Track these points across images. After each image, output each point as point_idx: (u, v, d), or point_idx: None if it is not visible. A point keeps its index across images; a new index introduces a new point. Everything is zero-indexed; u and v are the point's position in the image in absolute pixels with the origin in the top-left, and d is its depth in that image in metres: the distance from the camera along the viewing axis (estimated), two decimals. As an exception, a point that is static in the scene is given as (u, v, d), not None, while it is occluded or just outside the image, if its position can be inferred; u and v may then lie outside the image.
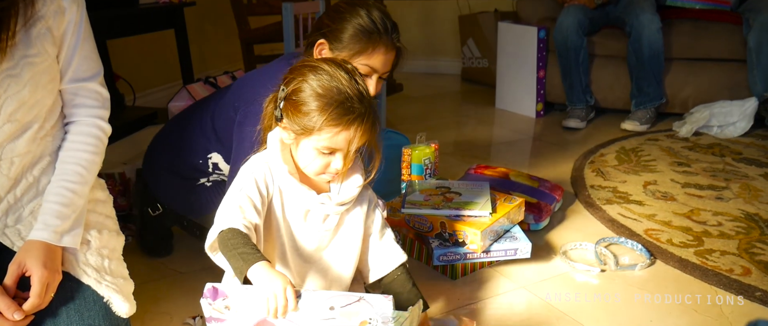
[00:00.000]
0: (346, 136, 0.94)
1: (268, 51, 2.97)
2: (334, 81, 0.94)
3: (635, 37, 2.56)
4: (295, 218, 1.03)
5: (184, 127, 1.43)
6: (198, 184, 1.39)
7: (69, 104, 1.04)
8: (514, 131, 2.73)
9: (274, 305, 0.83)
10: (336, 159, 0.97)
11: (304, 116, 0.95)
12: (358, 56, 1.25)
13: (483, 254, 1.36)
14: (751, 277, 1.36)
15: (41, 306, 0.90)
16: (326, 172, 0.99)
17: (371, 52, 1.25)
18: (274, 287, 0.83)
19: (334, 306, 0.85)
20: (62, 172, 0.99)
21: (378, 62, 1.27)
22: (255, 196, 0.98)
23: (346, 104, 0.93)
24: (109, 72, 2.29)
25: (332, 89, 0.94)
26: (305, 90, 0.95)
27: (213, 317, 0.86)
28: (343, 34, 1.24)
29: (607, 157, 2.25)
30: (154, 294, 1.34)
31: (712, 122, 2.46)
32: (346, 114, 0.93)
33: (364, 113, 0.95)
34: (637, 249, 1.51)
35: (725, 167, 2.09)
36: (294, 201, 1.02)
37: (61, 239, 0.93)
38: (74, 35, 1.00)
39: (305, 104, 0.94)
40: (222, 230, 0.92)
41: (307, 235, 1.05)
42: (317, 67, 0.96)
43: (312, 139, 0.96)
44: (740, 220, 1.67)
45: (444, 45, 4.09)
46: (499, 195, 1.49)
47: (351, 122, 0.94)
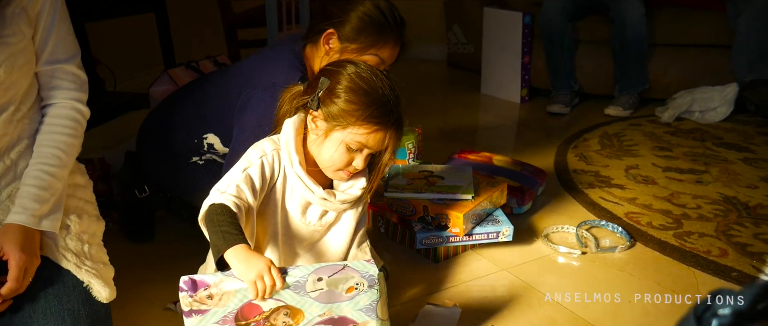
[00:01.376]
0: (381, 136, 0.99)
1: (252, 36, 2.93)
2: (378, 83, 0.99)
3: (619, 23, 2.57)
4: (294, 209, 1.04)
5: (181, 106, 1.42)
6: (190, 162, 1.38)
7: (46, 87, 1.02)
8: (498, 117, 2.74)
9: (262, 286, 0.83)
10: (360, 157, 1.00)
11: (344, 109, 0.97)
12: (368, 49, 1.27)
13: (465, 237, 1.37)
14: (727, 258, 1.39)
15: (19, 290, 0.89)
16: (345, 169, 1.01)
17: (382, 46, 1.28)
18: (258, 269, 0.83)
19: (322, 276, 0.87)
20: (40, 155, 0.98)
21: (386, 55, 1.29)
22: (257, 178, 0.98)
23: (388, 107, 0.98)
24: (89, 56, 2.25)
25: (377, 90, 0.98)
26: (352, 84, 0.98)
27: (194, 309, 0.85)
28: (353, 25, 1.25)
29: (590, 142, 2.27)
30: (134, 279, 1.33)
31: (694, 108, 2.49)
32: (387, 115, 0.98)
33: (398, 118, 1.00)
34: (617, 231, 1.53)
35: (705, 152, 2.12)
36: (296, 193, 1.03)
37: (40, 223, 0.92)
38: (49, 16, 0.98)
39: (348, 97, 0.97)
40: (213, 203, 0.92)
41: (303, 228, 1.05)
42: (361, 65, 1.01)
43: (346, 132, 0.98)
44: (719, 203, 1.69)
45: (429, 30, 4.07)
46: (482, 179, 1.50)
47: (389, 124, 0.99)
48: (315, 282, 0.87)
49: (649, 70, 2.68)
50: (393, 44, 1.29)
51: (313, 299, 0.87)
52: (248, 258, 0.84)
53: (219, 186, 0.97)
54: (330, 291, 0.87)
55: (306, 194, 1.02)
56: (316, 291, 0.87)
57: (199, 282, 0.85)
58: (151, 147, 1.44)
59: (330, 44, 1.28)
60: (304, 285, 0.86)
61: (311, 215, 1.05)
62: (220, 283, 0.85)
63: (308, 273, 0.87)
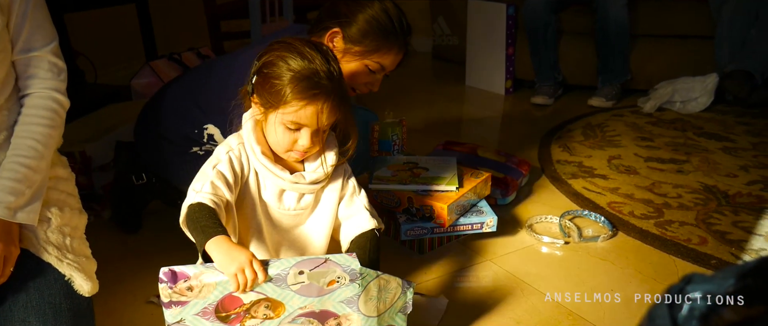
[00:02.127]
0: (311, 110, 0.95)
1: (236, 28, 2.91)
2: (305, 58, 0.95)
3: (602, 14, 2.59)
4: (270, 199, 1.03)
5: (179, 97, 1.40)
6: (190, 151, 1.36)
7: (22, 76, 1.00)
8: (483, 108, 2.75)
9: (242, 280, 0.83)
10: (302, 135, 0.97)
11: (272, 89, 0.95)
12: (371, 54, 1.25)
13: (450, 228, 1.38)
14: (707, 246, 1.41)
15: (2, 278, 0.88)
16: (294, 149, 0.99)
17: (386, 52, 1.26)
18: (238, 261, 0.83)
19: (303, 270, 0.86)
20: (16, 147, 0.96)
21: (389, 61, 1.28)
22: (228, 172, 0.98)
23: (314, 79, 0.94)
24: (68, 48, 2.21)
25: (302, 65, 0.94)
26: (276, 64, 0.96)
27: (173, 301, 0.85)
28: (359, 28, 1.24)
29: (573, 132, 2.29)
30: (118, 272, 1.32)
31: (675, 98, 2.52)
32: (311, 88, 0.94)
33: (330, 90, 0.95)
34: (600, 221, 1.55)
35: (686, 142, 2.15)
36: (269, 182, 1.02)
37: (15, 216, 0.91)
38: (23, 3, 0.96)
39: (275, 77, 0.95)
40: (190, 204, 0.92)
41: (283, 215, 1.05)
42: (291, 45, 0.97)
43: (279, 113, 0.96)
44: (699, 192, 1.72)
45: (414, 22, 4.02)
46: (466, 170, 1.51)
47: (316, 96, 0.94)
48: (296, 275, 0.86)
49: (632, 61, 2.71)
50: (396, 51, 1.28)
51: (294, 292, 0.87)
52: (229, 250, 0.84)
53: (194, 186, 0.96)
54: (311, 284, 0.87)
55: (277, 181, 1.01)
56: (297, 284, 0.87)
57: (179, 274, 0.84)
58: (150, 137, 1.42)
59: (334, 43, 1.26)
60: (285, 278, 0.86)
61: (288, 201, 1.04)
62: (201, 275, 0.84)
63: (290, 266, 0.86)
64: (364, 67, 1.27)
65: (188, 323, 0.86)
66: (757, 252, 1.38)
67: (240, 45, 2.59)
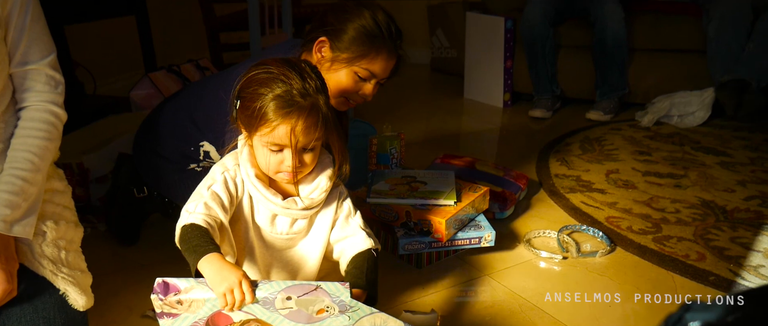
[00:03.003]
0: (285, 129, 0.93)
1: (235, 40, 2.92)
2: (277, 78, 0.94)
3: (599, 28, 2.61)
4: (263, 222, 1.02)
5: (175, 113, 1.40)
6: (188, 168, 1.36)
7: (19, 89, 1.00)
8: (481, 121, 2.76)
9: (231, 300, 0.82)
10: (286, 156, 0.96)
11: (249, 112, 0.95)
12: (359, 60, 1.23)
13: (448, 243, 1.37)
14: (705, 262, 1.41)
15: (13, 293, 0.89)
16: (282, 170, 0.98)
17: (373, 57, 1.24)
18: (228, 281, 0.82)
19: (291, 295, 0.85)
20: (12, 160, 0.96)
21: (378, 68, 1.26)
22: (222, 193, 0.97)
23: (285, 98, 0.93)
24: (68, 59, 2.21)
25: (274, 84, 0.93)
26: (251, 87, 0.95)
27: (164, 312, 0.85)
28: (346, 35, 1.23)
29: (571, 146, 2.29)
30: (113, 286, 1.31)
31: (673, 112, 2.53)
32: (284, 107, 0.93)
33: (305, 107, 0.93)
34: (598, 236, 1.55)
35: (684, 156, 2.15)
36: (261, 206, 1.01)
37: (11, 229, 0.91)
38: (21, 16, 0.96)
39: (250, 100, 0.94)
40: (183, 225, 0.91)
41: (276, 238, 1.04)
42: (267, 66, 0.96)
43: (258, 136, 0.96)
44: (697, 207, 1.72)
45: (413, 35, 4.08)
46: (464, 184, 1.50)
47: (289, 114, 0.93)
48: (284, 300, 0.85)
49: (629, 75, 2.72)
50: (386, 56, 1.26)
51: (284, 316, 0.86)
52: (221, 269, 0.83)
53: (187, 207, 0.95)
54: (299, 310, 0.86)
55: (269, 205, 1.00)
56: (285, 309, 0.85)
57: (171, 286, 0.84)
58: (148, 155, 1.42)
59: (322, 53, 1.26)
60: (273, 302, 0.85)
61: (281, 225, 1.03)
62: (191, 290, 0.84)
63: (278, 291, 0.85)
64: (353, 74, 1.25)
65: None
66: (755, 269, 1.37)
67: (240, 57, 2.60)
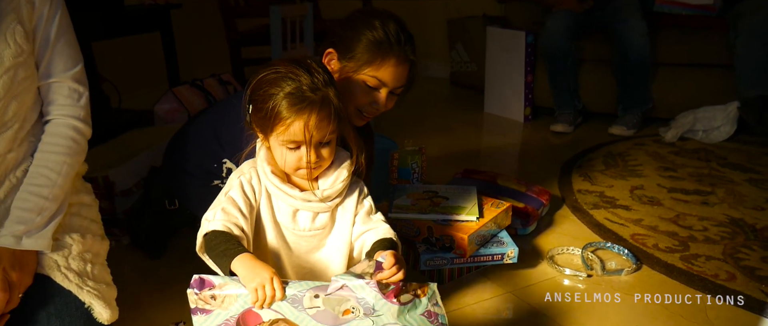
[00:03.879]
0: (299, 125, 0.94)
1: (256, 54, 2.95)
2: (286, 75, 0.95)
3: (622, 43, 2.58)
4: (285, 220, 1.02)
5: (200, 130, 1.41)
6: (212, 185, 1.37)
7: (44, 102, 1.02)
8: (502, 136, 2.74)
9: (262, 296, 0.84)
10: (303, 152, 0.96)
11: (262, 114, 0.96)
12: (365, 67, 1.21)
13: (470, 259, 1.36)
14: (735, 282, 1.37)
15: (10, 304, 0.89)
16: (300, 167, 0.98)
17: (380, 64, 1.21)
18: (260, 277, 0.84)
19: (319, 294, 0.86)
20: (30, 175, 0.98)
21: (387, 75, 1.22)
22: (239, 198, 0.98)
23: (296, 94, 0.94)
24: (95, 74, 2.26)
25: (284, 83, 0.94)
26: (262, 89, 0.96)
27: (198, 307, 0.87)
28: (353, 44, 1.21)
29: (594, 161, 2.26)
30: (137, 299, 1.32)
31: (697, 127, 2.49)
32: (296, 103, 0.94)
33: (316, 102, 0.94)
34: (623, 253, 1.52)
35: (711, 172, 2.11)
36: (282, 203, 1.02)
37: (21, 243, 0.92)
38: (46, 30, 0.98)
39: (262, 102, 0.96)
40: (205, 233, 0.93)
41: (299, 237, 1.04)
42: (270, 67, 0.97)
43: (274, 136, 0.97)
44: (725, 225, 1.68)
45: (432, 49, 4.09)
46: (487, 200, 1.49)
47: (301, 110, 0.94)
48: (312, 298, 0.86)
49: (653, 90, 2.68)
50: (394, 62, 1.21)
51: (310, 316, 0.87)
52: (253, 266, 0.86)
53: (207, 215, 0.97)
54: (326, 310, 0.86)
55: (288, 200, 1.01)
56: (312, 308, 0.86)
57: (206, 281, 0.86)
58: (176, 169, 1.44)
59: (330, 65, 1.25)
60: (301, 300, 0.86)
61: (303, 221, 1.03)
62: (225, 286, 0.86)
63: (306, 289, 0.86)
64: (362, 84, 1.22)
65: None
66: (788, 289, 1.34)
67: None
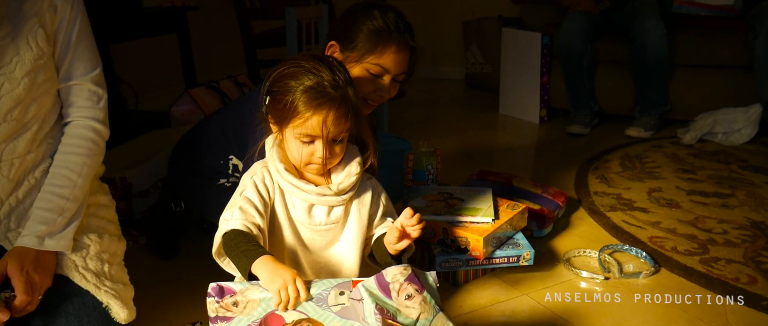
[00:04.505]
0: (317, 120, 0.95)
1: (272, 56, 2.96)
2: (309, 71, 0.97)
3: (640, 44, 2.55)
4: (300, 216, 1.03)
5: (208, 128, 1.43)
6: (218, 184, 1.38)
7: (64, 104, 1.04)
8: (517, 137, 2.72)
9: (285, 297, 0.85)
10: (317, 147, 0.98)
11: (281, 105, 0.97)
12: (368, 56, 1.23)
13: (485, 261, 1.35)
14: (757, 286, 1.35)
15: (31, 306, 0.90)
16: (313, 161, 0.99)
17: (381, 51, 1.22)
18: (284, 279, 0.85)
19: (344, 291, 0.86)
20: (51, 176, 0.99)
21: (389, 62, 1.23)
22: (255, 197, 0.99)
23: (317, 89, 0.96)
24: (112, 76, 2.28)
25: (305, 77, 0.96)
26: (282, 81, 0.98)
27: (219, 316, 0.87)
28: (353, 34, 1.23)
29: (611, 163, 2.24)
30: (153, 299, 1.33)
31: (717, 129, 2.45)
32: (316, 98, 0.95)
33: (336, 98, 0.96)
34: (641, 256, 1.50)
35: (731, 175, 2.08)
36: (296, 199, 1.02)
37: (43, 243, 0.93)
38: (67, 34, 0.99)
39: (282, 93, 0.97)
40: (225, 233, 0.94)
41: (315, 232, 1.04)
42: (296, 61, 0.99)
43: (290, 128, 0.98)
44: (746, 228, 1.65)
45: (447, 50, 4.09)
46: (502, 201, 1.48)
47: (321, 105, 0.95)
48: (337, 295, 0.87)
49: (671, 91, 2.65)
50: (395, 49, 1.22)
51: (335, 313, 0.87)
52: (275, 269, 0.86)
53: (224, 215, 0.98)
54: (351, 306, 0.87)
55: (304, 196, 1.01)
56: (337, 305, 0.87)
57: (226, 289, 0.87)
58: (184, 169, 1.46)
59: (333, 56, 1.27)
60: (326, 299, 0.87)
61: (318, 215, 1.03)
62: (246, 291, 0.87)
63: (331, 287, 0.87)
64: (365, 72, 1.24)
65: None
66: (811, 294, 1.31)
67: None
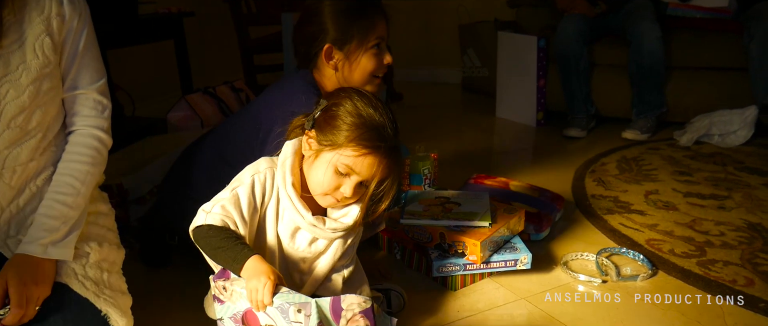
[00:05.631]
0: (369, 161, 0.96)
1: (268, 61, 2.97)
2: (375, 109, 0.98)
3: (636, 46, 2.56)
4: (284, 233, 1.02)
5: (204, 155, 1.40)
6: None
7: (68, 113, 1.04)
8: (514, 140, 2.73)
9: (253, 298, 0.88)
10: (347, 183, 0.98)
11: (336, 129, 0.96)
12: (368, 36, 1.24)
13: (483, 265, 1.35)
14: (754, 288, 1.35)
15: (25, 318, 0.89)
16: (333, 194, 0.99)
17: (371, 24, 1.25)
18: (258, 280, 0.87)
19: (302, 310, 0.88)
20: (55, 183, 0.99)
21: (382, 29, 1.25)
22: (245, 197, 0.98)
23: (381, 131, 0.97)
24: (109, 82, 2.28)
25: (372, 115, 0.97)
26: (346, 106, 0.97)
27: (216, 296, 0.93)
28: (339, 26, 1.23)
29: (608, 166, 2.25)
30: (150, 307, 1.32)
31: (713, 131, 2.46)
32: (379, 140, 0.96)
33: (392, 148, 0.98)
34: (638, 259, 1.50)
35: (727, 176, 2.08)
36: (287, 216, 1.01)
37: (46, 251, 0.93)
38: (74, 43, 1.00)
39: (342, 118, 0.96)
40: (201, 226, 0.95)
41: (292, 252, 1.04)
42: (362, 93, 1.00)
43: (335, 154, 0.96)
44: (743, 230, 1.66)
45: (444, 54, 4.10)
46: (499, 205, 1.48)
47: (381, 150, 0.96)
48: (296, 312, 0.88)
49: (667, 94, 2.66)
50: (379, 16, 1.25)
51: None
52: (256, 269, 0.89)
53: (205, 206, 0.97)
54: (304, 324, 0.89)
55: (296, 217, 1.00)
56: (296, 322, 0.89)
57: (226, 273, 0.93)
58: (181, 200, 1.38)
59: (334, 58, 1.26)
60: (287, 311, 0.89)
61: (300, 240, 1.02)
62: (235, 281, 0.92)
63: (292, 303, 0.89)
64: (369, 52, 1.25)
65: (225, 324, 0.95)
66: (808, 295, 1.31)
67: (273, 78, 2.64)
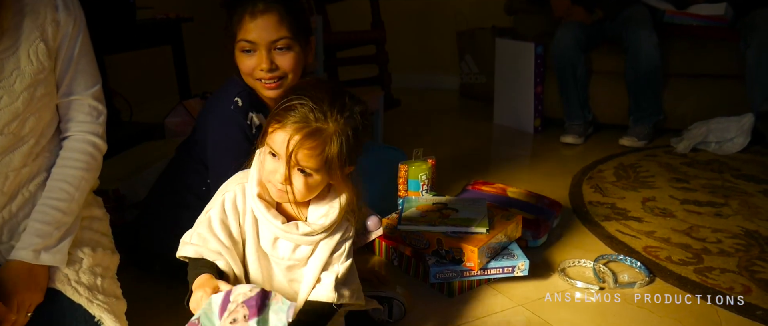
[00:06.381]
0: (282, 137, 0.88)
1: (266, 66, 2.96)
2: (302, 90, 0.91)
3: (633, 54, 2.57)
4: (266, 245, 0.99)
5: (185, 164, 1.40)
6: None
7: (63, 118, 1.04)
8: (512, 147, 2.73)
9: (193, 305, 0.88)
10: (279, 165, 0.91)
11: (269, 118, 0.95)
12: (237, 29, 1.29)
13: (480, 271, 1.35)
14: (751, 295, 1.35)
15: (17, 324, 0.89)
16: (273, 181, 0.93)
17: (239, 19, 1.28)
18: (198, 290, 0.89)
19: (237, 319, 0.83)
20: (49, 189, 0.98)
21: (252, 34, 1.27)
22: (217, 219, 0.96)
23: (300, 109, 0.88)
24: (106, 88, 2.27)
25: (293, 95, 0.90)
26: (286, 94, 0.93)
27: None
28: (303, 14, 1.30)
29: (605, 173, 2.25)
30: (144, 312, 1.31)
31: (710, 138, 2.46)
32: (285, 112, 0.89)
33: (312, 123, 0.88)
34: (636, 266, 1.50)
35: (724, 184, 2.08)
36: (263, 227, 0.98)
37: (39, 257, 0.92)
38: (69, 49, 0.99)
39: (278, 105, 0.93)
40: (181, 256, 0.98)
41: (278, 263, 1.01)
42: (315, 80, 0.98)
43: (267, 138, 0.93)
44: (740, 237, 1.65)
45: (441, 60, 4.10)
46: (497, 212, 1.48)
47: (288, 123, 0.88)
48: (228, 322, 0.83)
49: (664, 101, 2.67)
50: (249, 19, 1.24)
51: None
52: (197, 284, 0.90)
53: (184, 237, 0.98)
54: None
55: (269, 227, 0.96)
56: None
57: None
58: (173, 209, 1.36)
59: (311, 45, 1.35)
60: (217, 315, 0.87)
61: (282, 249, 0.98)
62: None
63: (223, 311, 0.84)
64: (240, 48, 1.31)
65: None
66: (805, 303, 1.31)
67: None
